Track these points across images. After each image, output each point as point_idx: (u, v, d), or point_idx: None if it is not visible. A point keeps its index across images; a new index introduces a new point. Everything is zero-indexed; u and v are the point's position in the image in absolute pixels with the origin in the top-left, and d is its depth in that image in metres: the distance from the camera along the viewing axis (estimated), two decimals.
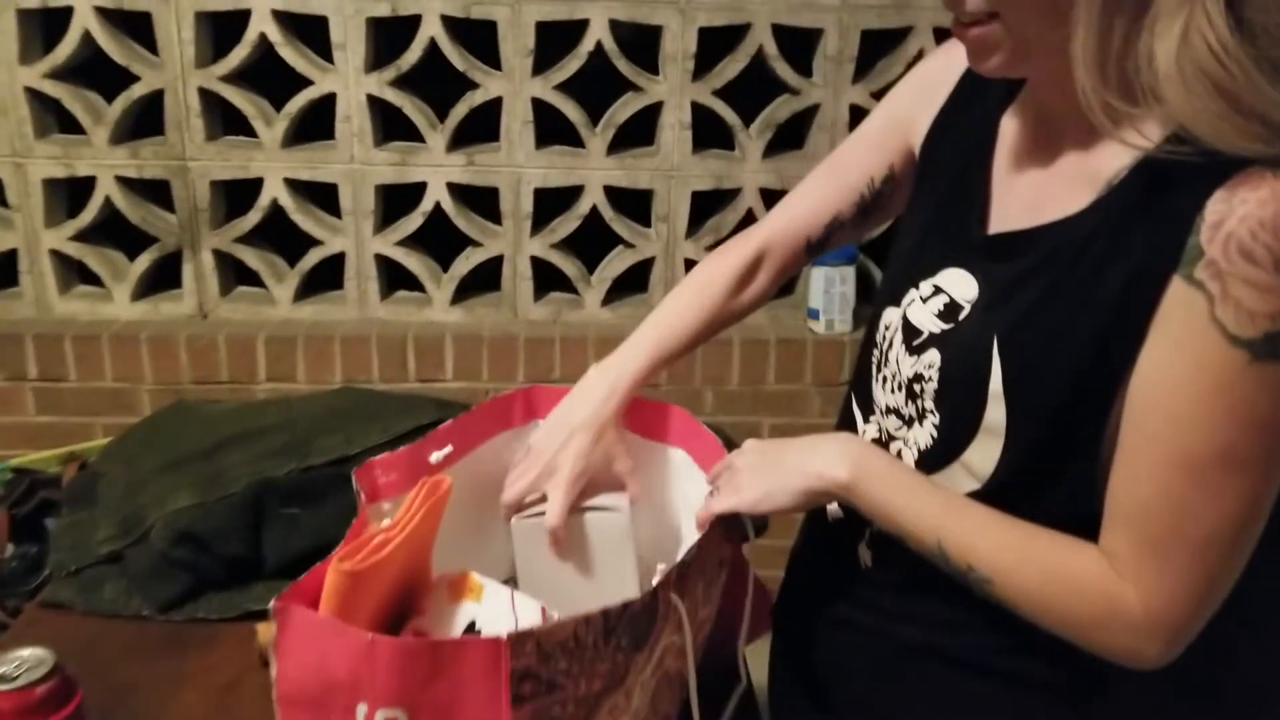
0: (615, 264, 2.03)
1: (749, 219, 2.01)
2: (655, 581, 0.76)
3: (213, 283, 1.99)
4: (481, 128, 1.94)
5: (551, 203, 1.99)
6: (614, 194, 1.98)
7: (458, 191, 1.97)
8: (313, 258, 1.99)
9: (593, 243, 2.04)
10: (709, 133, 1.97)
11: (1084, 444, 0.73)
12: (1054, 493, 0.74)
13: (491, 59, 1.89)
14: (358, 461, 0.91)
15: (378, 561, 0.72)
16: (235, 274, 2.05)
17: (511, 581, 0.97)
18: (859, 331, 2.00)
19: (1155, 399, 0.68)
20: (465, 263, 2.01)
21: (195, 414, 1.40)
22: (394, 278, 2.05)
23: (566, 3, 1.85)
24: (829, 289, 1.98)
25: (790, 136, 1.98)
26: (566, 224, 1.99)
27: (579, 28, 1.87)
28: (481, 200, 2.00)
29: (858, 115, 1.90)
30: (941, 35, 1.90)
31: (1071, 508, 0.74)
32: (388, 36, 1.89)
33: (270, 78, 1.91)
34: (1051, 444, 0.74)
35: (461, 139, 1.95)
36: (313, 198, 1.99)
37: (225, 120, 1.96)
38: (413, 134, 1.93)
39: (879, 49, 1.95)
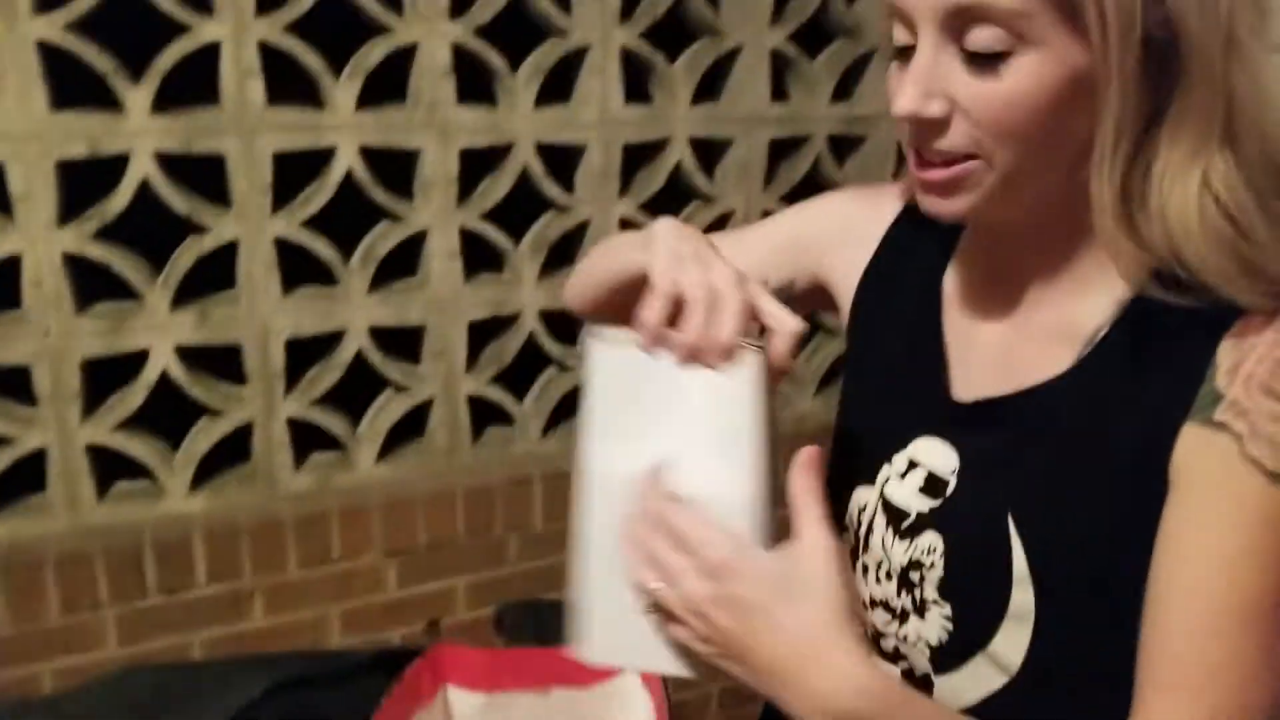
0: (388, 412, 1.80)
1: (531, 344, 1.87)
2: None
3: None
4: (214, 276, 1.64)
5: (307, 353, 1.73)
6: (380, 335, 1.76)
7: (190, 356, 1.64)
8: (2, 460, 1.55)
9: (359, 392, 1.79)
10: (475, 258, 1.82)
11: (1122, 617, 0.66)
12: (1093, 675, 0.68)
13: (220, 198, 1.60)
14: None
15: None
16: None
17: None
18: None
19: (1194, 550, 0.63)
20: (204, 438, 1.67)
21: None
22: (113, 470, 1.66)
23: (308, 131, 1.62)
24: None
25: (561, 254, 1.88)
26: (327, 375, 1.73)
27: (322, 157, 1.65)
28: (220, 361, 1.68)
29: (627, 228, 1.85)
30: (696, 145, 1.91)
31: (1111, 692, 0.67)
32: (85, 182, 1.54)
33: None
34: (1089, 622, 0.68)
35: (189, 292, 1.63)
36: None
37: None
38: (126, 293, 1.59)
39: (639, 161, 1.92)
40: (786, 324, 0.67)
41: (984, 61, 0.62)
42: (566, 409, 1.95)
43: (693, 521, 0.65)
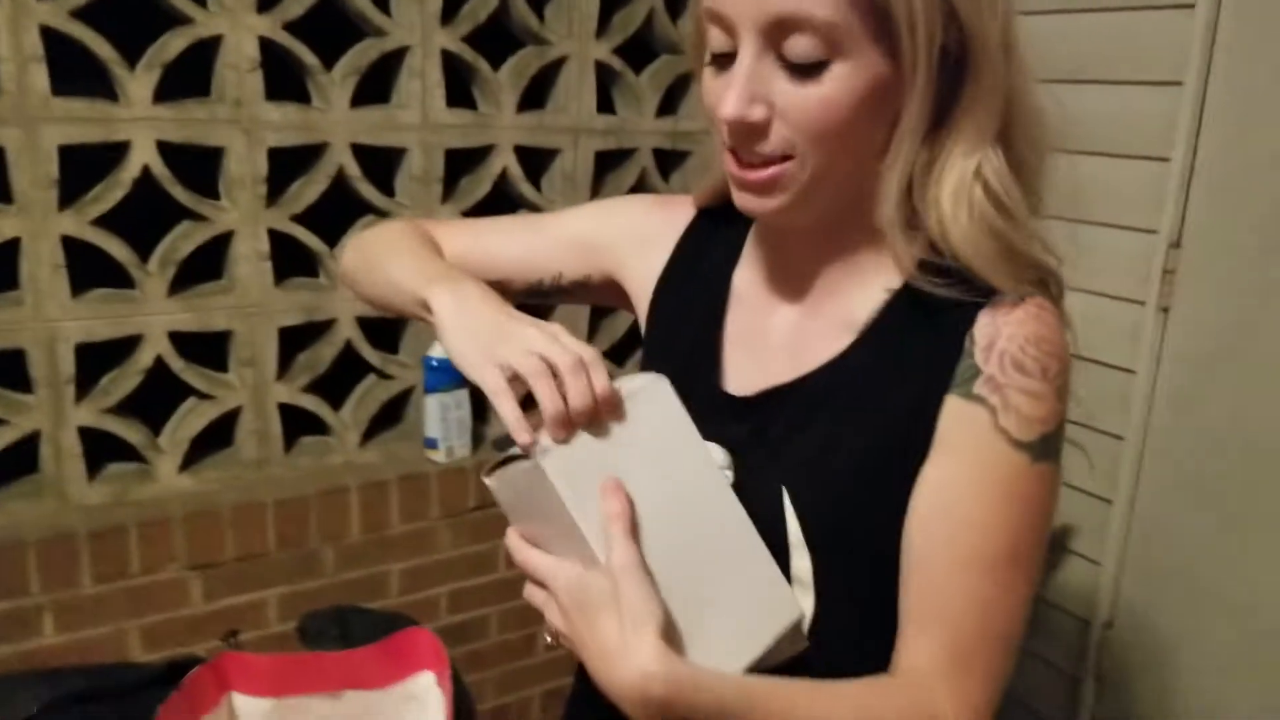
0: (192, 420, 1.72)
1: (349, 351, 1.83)
2: None
3: None
4: None
5: (99, 359, 1.63)
6: (182, 340, 1.68)
7: None
8: None
9: (162, 400, 1.71)
10: (291, 262, 1.76)
11: (888, 580, 0.74)
12: (877, 631, 0.74)
13: (2, 193, 1.50)
14: None
15: None
16: None
17: None
18: (479, 454, 1.92)
19: (946, 509, 0.71)
20: None
21: None
22: None
23: (99, 124, 1.53)
24: (444, 415, 1.86)
25: None
26: (123, 382, 1.64)
27: (117, 151, 1.56)
28: (4, 366, 1.57)
29: None
30: (521, 153, 1.89)
31: (883, 636, 0.74)
32: None
33: None
34: (863, 582, 0.75)
35: None
36: None
37: None
38: None
39: (463, 168, 1.90)
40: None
41: (803, 70, 0.67)
42: (386, 418, 1.91)
43: (540, 560, 0.70)
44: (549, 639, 0.73)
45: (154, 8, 1.57)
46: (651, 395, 0.73)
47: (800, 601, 0.76)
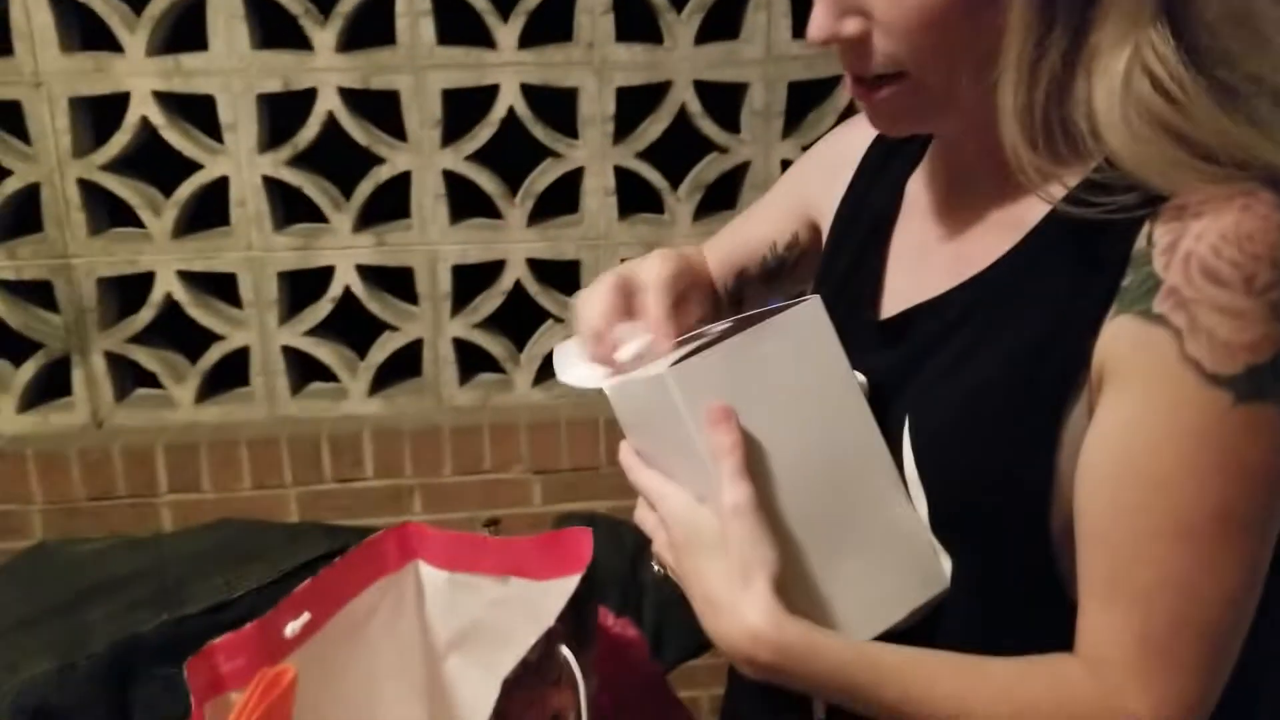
0: (544, 341, 1.89)
1: None
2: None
3: (106, 388, 1.82)
4: (390, 205, 1.80)
5: (471, 280, 1.85)
6: (538, 266, 1.85)
7: (369, 274, 1.82)
8: (214, 354, 1.83)
9: (519, 320, 1.90)
10: (635, 197, 1.84)
11: (1025, 535, 0.61)
12: (1013, 592, 0.64)
13: (396, 131, 1.75)
14: (240, 607, 0.76)
15: None
16: (132, 377, 1.89)
17: None
18: None
19: (1130, 464, 0.57)
20: (381, 350, 1.86)
21: (58, 558, 1.24)
22: (306, 371, 1.89)
23: (473, 69, 1.72)
24: None
25: (721, 196, 1.86)
26: (489, 301, 1.85)
27: (489, 94, 1.74)
28: (396, 281, 1.85)
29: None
30: None
31: (1033, 609, 0.64)
32: (282, 113, 1.75)
33: (157, 164, 1.76)
34: (994, 538, 0.63)
35: (369, 218, 1.81)
36: (210, 290, 1.84)
37: (110, 212, 1.80)
38: (316, 215, 1.79)
39: (808, 101, 1.84)
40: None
41: None
42: None
43: (651, 480, 0.67)
44: (656, 567, 0.71)
45: None
46: (800, 320, 0.65)
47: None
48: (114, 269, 1.77)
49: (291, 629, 0.78)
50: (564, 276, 1.87)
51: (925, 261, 0.72)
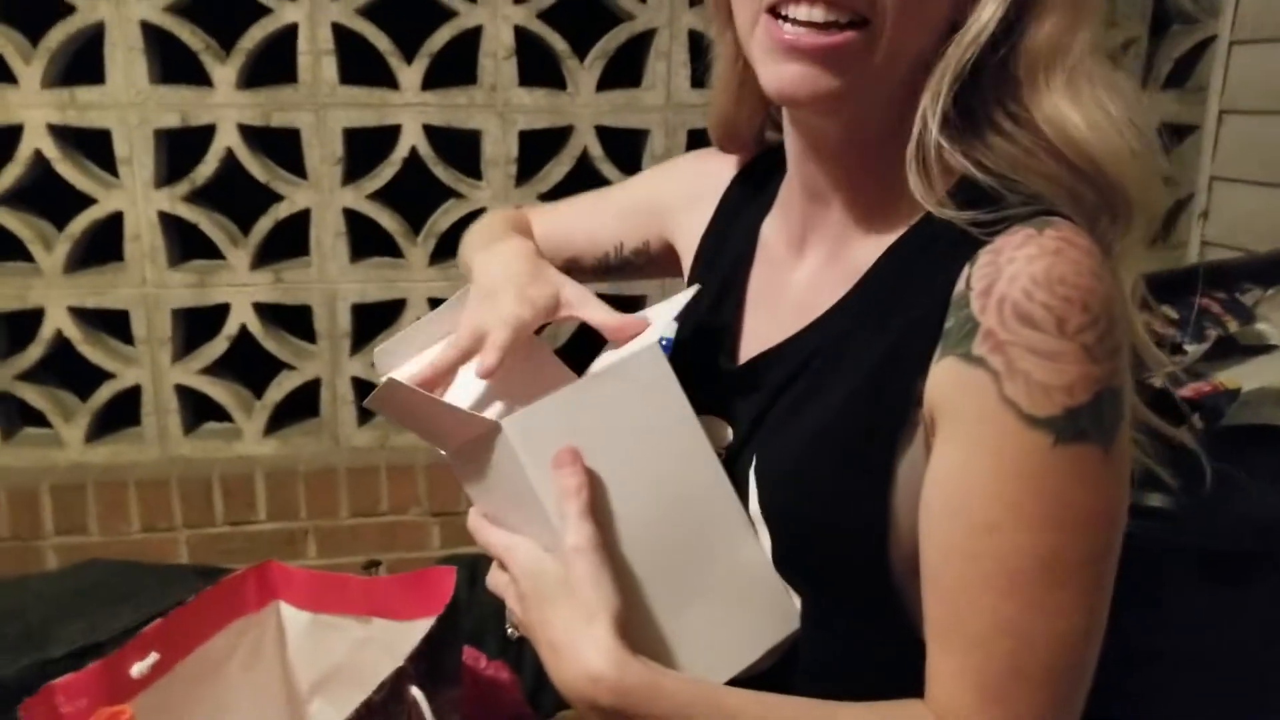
0: None
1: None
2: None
3: None
4: (290, 242, 1.78)
5: (372, 319, 1.84)
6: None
7: (266, 311, 1.80)
8: (105, 393, 1.78)
9: None
10: None
11: (867, 573, 0.62)
12: (861, 634, 0.65)
13: (297, 169, 1.75)
14: (106, 650, 0.74)
15: None
16: (19, 415, 1.83)
17: None
18: None
19: (960, 508, 0.57)
20: (278, 389, 1.83)
21: None
22: (199, 410, 1.86)
23: (376, 109, 1.72)
24: None
25: None
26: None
27: (392, 133, 1.75)
28: (294, 320, 1.83)
29: None
30: None
31: (884, 650, 0.64)
32: (180, 148, 1.73)
33: (51, 198, 1.72)
34: (836, 578, 0.64)
35: (268, 255, 1.79)
36: (103, 326, 1.80)
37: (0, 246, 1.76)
38: (212, 252, 1.77)
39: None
40: (606, 324, 0.72)
41: None
42: None
43: (498, 537, 0.66)
44: (510, 629, 0.69)
45: (425, 3, 1.73)
46: (640, 365, 0.66)
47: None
48: (2, 304, 1.72)
49: (139, 670, 0.76)
50: None
51: (777, 306, 0.73)
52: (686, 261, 0.85)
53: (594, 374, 0.66)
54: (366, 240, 1.82)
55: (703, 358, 0.75)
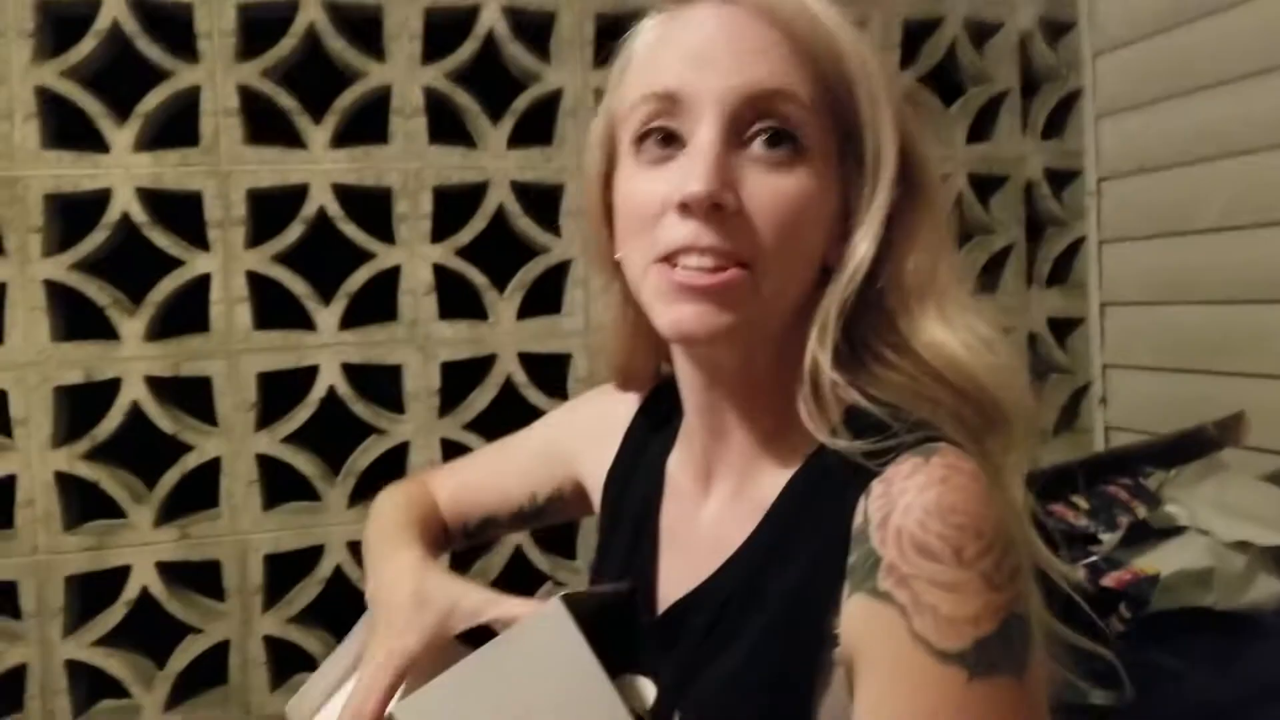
0: None
1: (519, 557, 1.82)
2: None
3: None
4: (196, 494, 1.69)
5: (286, 570, 1.73)
6: (360, 551, 1.74)
7: (170, 571, 1.67)
8: None
9: (338, 612, 1.77)
10: None
11: None
12: None
13: (207, 416, 1.68)
14: None
15: None
16: None
17: None
18: None
19: None
20: (183, 656, 1.67)
21: None
22: (94, 687, 1.67)
23: (292, 351, 1.70)
24: None
25: None
26: (306, 592, 1.72)
27: (309, 374, 1.71)
28: (201, 577, 1.70)
29: None
30: None
31: None
32: (83, 401, 1.65)
33: None
34: None
35: (173, 511, 1.68)
36: None
37: None
38: (112, 510, 1.65)
39: None
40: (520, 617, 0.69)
41: (775, 158, 0.61)
42: None
43: None
44: None
45: (345, 246, 1.75)
46: (542, 625, 0.62)
47: None
48: None
49: None
50: None
51: (690, 546, 0.71)
52: (596, 499, 0.85)
53: (493, 641, 0.62)
54: (280, 486, 1.73)
55: (621, 612, 0.72)
